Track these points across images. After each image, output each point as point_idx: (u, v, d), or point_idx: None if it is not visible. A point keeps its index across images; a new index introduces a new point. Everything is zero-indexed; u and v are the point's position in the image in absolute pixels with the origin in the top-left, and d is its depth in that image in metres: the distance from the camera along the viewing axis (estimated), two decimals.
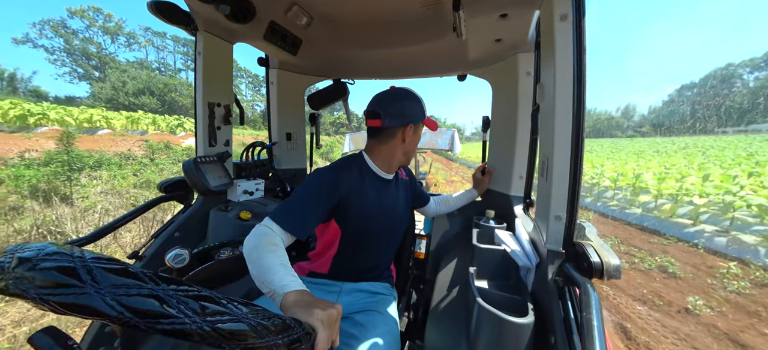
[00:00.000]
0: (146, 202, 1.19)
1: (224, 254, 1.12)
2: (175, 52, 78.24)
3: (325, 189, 0.85)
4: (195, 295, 0.36)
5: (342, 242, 0.96)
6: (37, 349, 0.36)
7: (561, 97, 0.74)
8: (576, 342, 0.60)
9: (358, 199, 0.91)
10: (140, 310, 0.32)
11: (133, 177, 7.97)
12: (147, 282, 0.33)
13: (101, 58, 62.14)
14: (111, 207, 5.61)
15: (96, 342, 0.92)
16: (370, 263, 1.03)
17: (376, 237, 1.00)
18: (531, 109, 1.25)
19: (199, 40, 1.25)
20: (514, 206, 1.28)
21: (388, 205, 1.01)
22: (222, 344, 0.35)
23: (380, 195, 0.98)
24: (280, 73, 1.75)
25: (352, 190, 0.90)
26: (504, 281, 0.95)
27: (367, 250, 1.00)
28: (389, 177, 1.02)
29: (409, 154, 1.02)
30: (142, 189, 7.17)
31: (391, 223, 1.04)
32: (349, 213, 0.91)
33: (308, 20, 1.22)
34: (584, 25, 0.68)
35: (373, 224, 0.97)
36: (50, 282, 0.29)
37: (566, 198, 0.73)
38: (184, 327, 0.33)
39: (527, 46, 1.22)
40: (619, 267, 0.61)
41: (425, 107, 1.01)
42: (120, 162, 9.35)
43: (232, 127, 1.47)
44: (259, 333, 0.37)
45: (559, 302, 0.69)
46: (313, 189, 0.84)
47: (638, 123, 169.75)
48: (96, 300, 0.30)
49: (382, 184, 1.00)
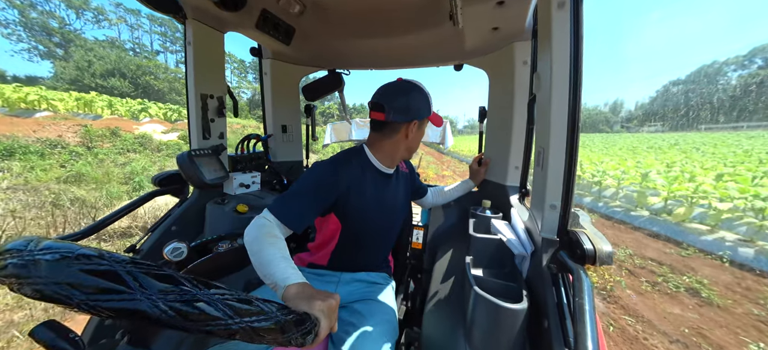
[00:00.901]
0: (141, 196, 1.18)
1: (222, 247, 1.13)
2: (152, 32, 72.99)
3: (324, 185, 0.85)
4: (236, 298, 0.39)
5: (341, 238, 0.97)
6: (38, 342, 0.36)
7: (557, 87, 0.74)
8: (568, 326, 0.62)
9: (357, 196, 0.90)
10: (191, 315, 0.34)
11: (60, 170, 6.56)
12: (192, 288, 0.36)
13: (64, 34, 56.44)
14: (19, 206, 4.45)
15: (97, 334, 0.92)
16: (369, 257, 1.04)
17: (376, 232, 1.01)
18: (527, 98, 1.25)
19: (188, 29, 1.21)
20: (510, 196, 1.30)
21: (388, 201, 1.01)
22: (254, 340, 0.38)
23: (380, 191, 0.98)
24: (273, 63, 1.72)
25: (352, 186, 0.89)
26: (499, 269, 0.97)
27: (366, 246, 1.01)
28: (390, 171, 1.01)
29: (412, 150, 1.01)
30: (69, 184, 5.78)
31: (390, 219, 1.05)
32: (349, 209, 0.91)
33: (301, 8, 1.19)
34: (582, 13, 0.67)
35: (373, 221, 0.97)
36: (93, 288, 0.30)
37: (561, 187, 0.74)
38: (229, 328, 0.36)
39: (524, 34, 1.20)
40: (612, 254, 0.63)
41: (431, 102, 0.99)
42: (43, 150, 7.68)
43: (226, 119, 1.45)
44: (284, 329, 0.40)
45: (552, 288, 0.71)
46: (311, 185, 0.84)
47: (625, 118, 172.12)
48: (147, 305, 0.32)
49: (382, 179, 0.99)
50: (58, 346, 0.36)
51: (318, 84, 1.83)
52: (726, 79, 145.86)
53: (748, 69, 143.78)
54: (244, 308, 0.38)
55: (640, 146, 25.98)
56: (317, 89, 1.83)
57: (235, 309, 0.37)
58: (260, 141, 1.71)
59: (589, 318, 0.51)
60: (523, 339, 0.72)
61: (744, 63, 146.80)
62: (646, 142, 33.57)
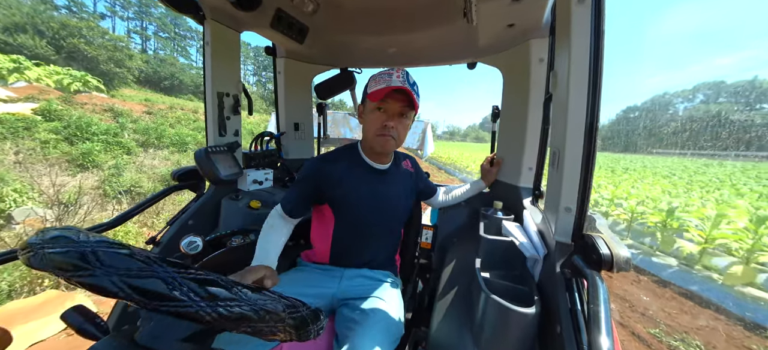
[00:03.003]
0: (162, 190, 1.24)
1: (235, 242, 1.16)
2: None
3: (310, 176, 0.97)
4: (201, 279, 0.37)
5: (336, 231, 1.00)
6: (68, 325, 0.39)
7: (575, 85, 0.71)
8: (582, 333, 0.60)
9: (345, 189, 0.95)
10: (149, 291, 0.33)
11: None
12: (152, 265, 0.35)
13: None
14: None
15: (121, 320, 0.98)
16: (369, 254, 1.04)
17: (370, 228, 1.01)
18: (543, 98, 1.22)
19: (206, 28, 1.25)
20: (523, 197, 1.27)
21: (380, 196, 1.00)
22: (227, 327, 0.36)
23: (371, 186, 0.98)
24: (287, 62, 1.75)
25: (339, 179, 0.94)
26: (510, 272, 0.95)
27: (362, 240, 1.01)
28: (381, 167, 1.00)
29: (369, 137, 0.94)
30: None
31: (385, 215, 1.03)
32: (337, 201, 0.96)
33: (315, 7, 1.20)
34: (603, 8, 0.64)
35: (365, 215, 0.98)
36: (67, 265, 0.32)
37: (577, 189, 0.72)
38: (188, 311, 0.34)
39: (541, 31, 1.17)
40: (629, 259, 0.60)
41: (375, 80, 0.89)
42: None
43: (241, 116, 1.49)
44: (260, 316, 0.38)
45: (566, 293, 0.69)
46: (301, 176, 0.99)
47: None
48: (104, 280, 0.32)
49: (373, 175, 0.99)
50: (85, 329, 0.39)
51: (330, 82, 1.84)
52: (674, 110, 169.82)
53: (692, 102, 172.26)
54: (212, 291, 0.37)
55: (607, 165, 24.27)
56: (329, 88, 1.85)
57: (198, 291, 0.36)
58: (273, 138, 1.74)
59: (605, 325, 0.50)
60: (534, 344, 0.70)
61: (689, 97, 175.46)
62: (614, 163, 31.99)
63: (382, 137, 0.91)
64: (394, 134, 0.91)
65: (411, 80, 0.90)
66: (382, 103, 0.89)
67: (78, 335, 0.39)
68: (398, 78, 0.86)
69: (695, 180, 15.44)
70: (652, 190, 8.58)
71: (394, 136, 0.91)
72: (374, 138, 0.93)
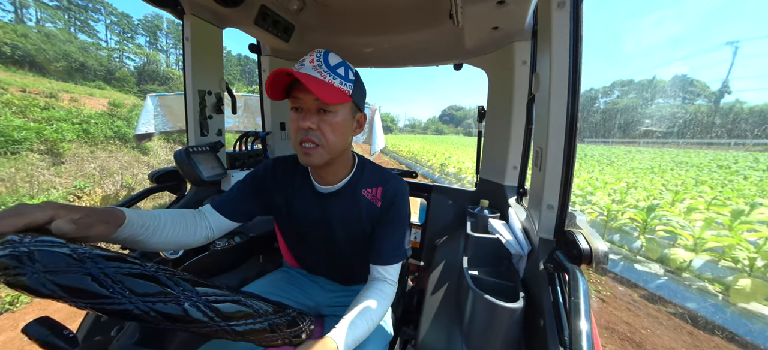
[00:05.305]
0: (138, 193, 1.17)
1: (219, 245, 1.12)
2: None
3: (251, 177, 0.84)
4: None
5: (284, 239, 0.98)
6: (31, 339, 0.35)
7: (556, 87, 0.74)
8: (564, 325, 0.62)
9: (283, 203, 0.84)
10: (75, 289, 0.31)
11: None
12: (84, 262, 0.33)
13: None
14: None
15: (92, 331, 0.92)
16: (337, 272, 0.97)
17: (316, 251, 0.90)
18: (526, 98, 1.25)
19: (186, 23, 1.20)
20: (508, 196, 1.30)
21: (321, 223, 0.82)
22: (161, 325, 0.34)
23: (310, 209, 0.82)
24: (272, 60, 1.71)
25: (281, 191, 0.84)
26: (496, 268, 0.97)
27: (314, 254, 0.93)
28: (325, 189, 0.79)
29: (296, 151, 0.72)
30: None
31: (330, 243, 0.85)
32: (275, 213, 0.88)
33: (300, 5, 1.18)
34: (581, 13, 0.67)
35: (306, 236, 0.88)
36: (2, 265, 0.30)
37: (559, 187, 0.75)
38: (120, 308, 0.32)
39: (524, 34, 1.20)
40: (607, 253, 0.63)
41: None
42: None
43: (224, 116, 1.44)
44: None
45: (548, 288, 0.72)
46: (251, 174, 0.84)
47: None
48: (32, 280, 0.30)
49: (315, 197, 0.82)
50: (51, 342, 0.36)
51: None
52: (597, 104, 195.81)
53: (610, 97, 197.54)
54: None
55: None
56: None
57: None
58: (258, 138, 1.70)
59: (584, 316, 0.52)
60: (519, 337, 0.72)
61: (607, 92, 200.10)
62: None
63: (301, 147, 0.68)
64: (317, 137, 0.66)
65: (331, 62, 0.66)
66: (294, 100, 0.67)
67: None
68: (311, 63, 0.65)
69: (628, 166, 16.18)
70: (603, 177, 9.28)
71: (316, 140, 0.66)
72: (297, 150, 0.70)
